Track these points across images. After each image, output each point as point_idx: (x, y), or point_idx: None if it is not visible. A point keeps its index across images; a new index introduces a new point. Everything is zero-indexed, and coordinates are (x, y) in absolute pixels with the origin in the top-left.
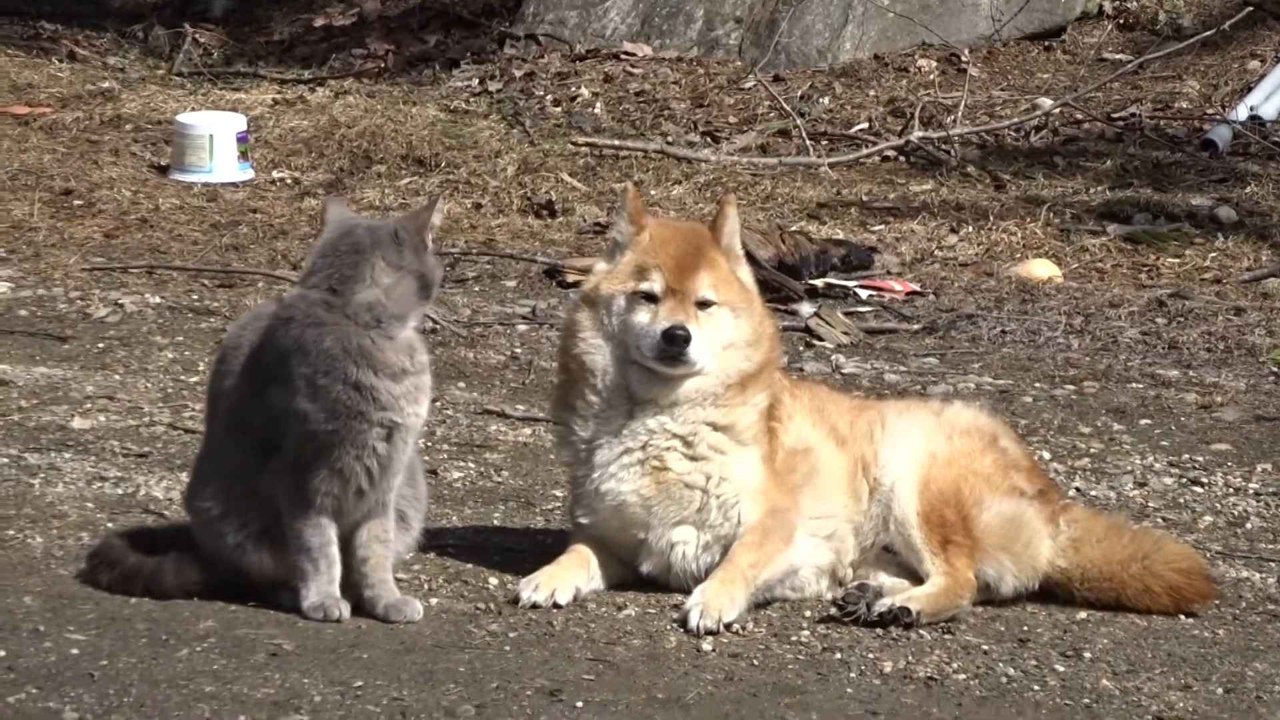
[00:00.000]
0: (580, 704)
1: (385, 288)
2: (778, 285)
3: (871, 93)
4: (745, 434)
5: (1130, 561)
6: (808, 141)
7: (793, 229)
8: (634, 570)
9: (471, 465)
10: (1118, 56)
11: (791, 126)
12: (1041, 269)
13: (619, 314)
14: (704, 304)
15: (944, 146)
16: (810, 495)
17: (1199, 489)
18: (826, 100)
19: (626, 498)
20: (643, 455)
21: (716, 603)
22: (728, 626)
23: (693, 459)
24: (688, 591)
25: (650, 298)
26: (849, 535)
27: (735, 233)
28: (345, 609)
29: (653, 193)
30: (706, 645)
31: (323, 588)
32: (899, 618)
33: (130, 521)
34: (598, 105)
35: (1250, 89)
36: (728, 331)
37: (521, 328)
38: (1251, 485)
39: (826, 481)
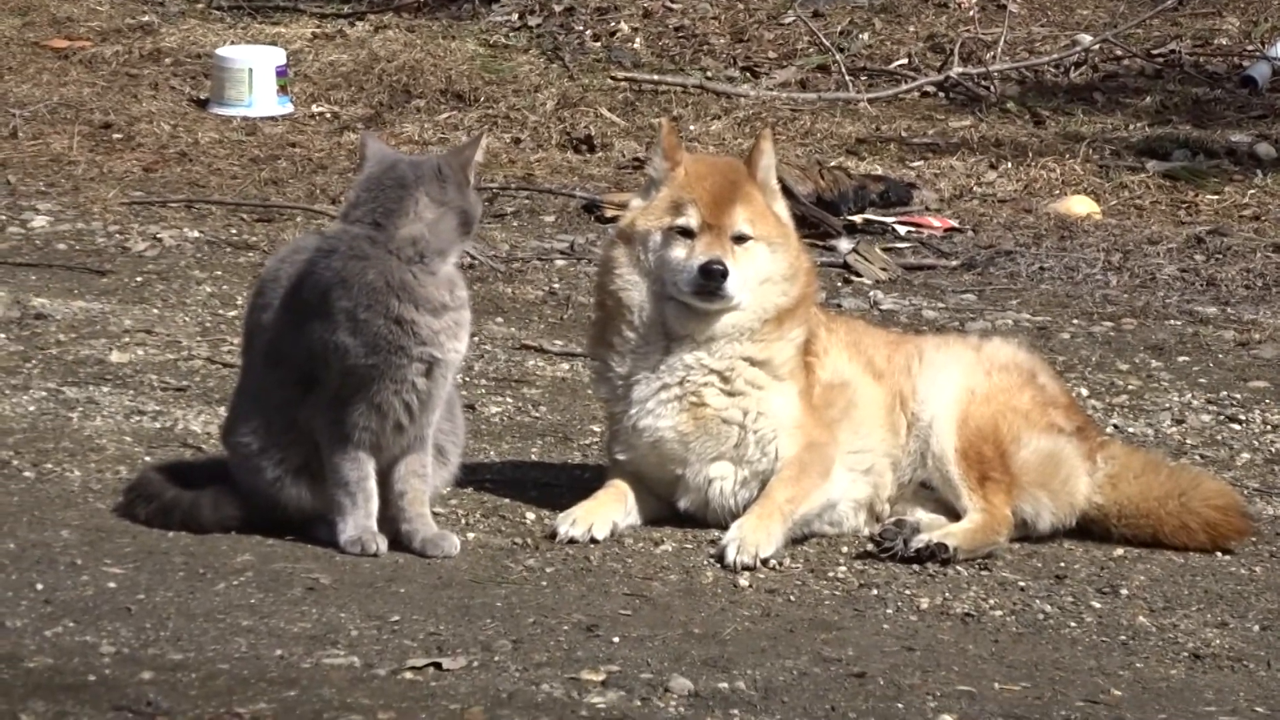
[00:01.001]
0: (617, 639)
1: (428, 223)
2: (816, 221)
3: (911, 28)
4: (782, 369)
5: (1167, 498)
6: (847, 77)
7: (831, 164)
8: (671, 506)
9: (509, 400)
10: None
11: (831, 62)
12: (1080, 206)
13: (655, 250)
14: (740, 239)
15: (983, 82)
16: (848, 430)
17: (1236, 426)
18: (866, 36)
19: (664, 433)
20: (680, 391)
21: (753, 538)
22: (764, 562)
23: (730, 394)
24: (725, 527)
25: (686, 233)
26: (887, 470)
27: (771, 167)
28: (382, 543)
29: (692, 128)
30: (743, 581)
31: (360, 522)
32: (936, 554)
33: (168, 455)
34: (637, 40)
35: None
36: (764, 266)
37: (560, 263)
38: None
39: (864, 416)
